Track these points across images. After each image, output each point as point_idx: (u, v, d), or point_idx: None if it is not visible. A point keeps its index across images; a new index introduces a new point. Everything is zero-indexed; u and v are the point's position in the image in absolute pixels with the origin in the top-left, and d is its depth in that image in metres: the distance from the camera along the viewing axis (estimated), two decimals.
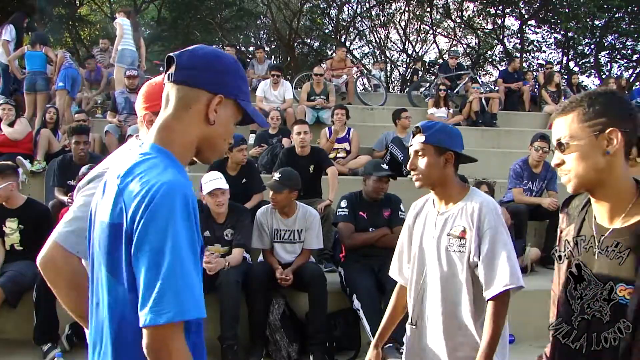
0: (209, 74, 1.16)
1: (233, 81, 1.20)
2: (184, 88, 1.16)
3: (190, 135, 1.17)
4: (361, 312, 3.55)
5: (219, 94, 1.16)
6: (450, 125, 2.05)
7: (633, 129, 1.23)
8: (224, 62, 1.20)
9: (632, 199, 1.24)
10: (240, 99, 1.21)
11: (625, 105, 1.25)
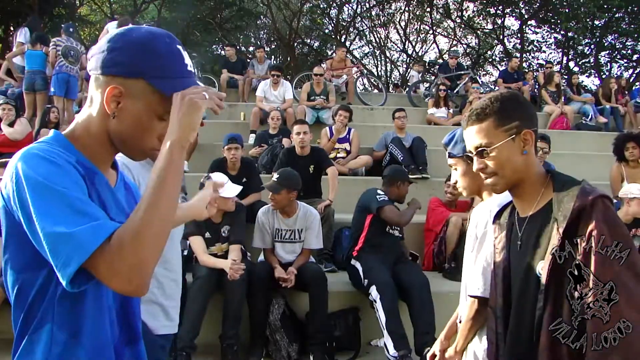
0: (100, 56, 1.00)
1: (134, 58, 0.98)
2: (92, 76, 1.03)
3: (97, 128, 1.03)
4: (378, 303, 3.52)
5: (117, 76, 0.98)
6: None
7: (536, 125, 1.37)
8: (124, 39, 1.00)
9: (543, 185, 1.36)
10: (150, 76, 0.98)
11: (529, 106, 1.39)
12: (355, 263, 3.86)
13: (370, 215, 3.95)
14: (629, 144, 4.99)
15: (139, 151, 1.06)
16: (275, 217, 3.88)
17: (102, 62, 1.00)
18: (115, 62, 0.99)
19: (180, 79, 1.01)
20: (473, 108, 1.42)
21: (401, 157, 5.91)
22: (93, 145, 1.04)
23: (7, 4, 13.70)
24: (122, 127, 1.01)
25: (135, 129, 1.01)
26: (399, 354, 3.34)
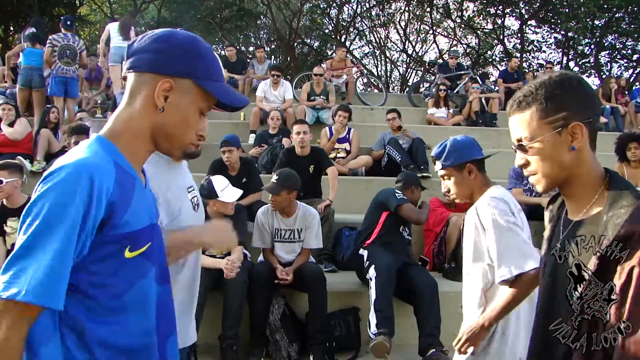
0: (151, 55, 1.06)
1: (183, 59, 1.06)
2: (134, 75, 1.08)
3: (140, 123, 1.07)
4: (373, 282, 3.54)
5: (167, 75, 1.05)
6: (459, 137, 2.20)
7: (595, 115, 1.16)
8: (170, 39, 1.08)
9: (598, 189, 1.17)
10: (198, 77, 1.08)
11: (584, 92, 1.16)
12: (363, 252, 3.89)
13: (386, 212, 4.00)
14: (631, 144, 4.98)
15: (179, 146, 1.12)
16: (275, 217, 3.88)
17: (149, 62, 1.06)
18: (165, 62, 1.06)
19: (220, 82, 1.12)
20: (516, 94, 1.24)
21: (399, 158, 5.91)
22: (134, 142, 1.08)
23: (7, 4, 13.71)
24: (169, 120, 1.07)
25: (181, 122, 1.08)
26: (379, 331, 3.33)
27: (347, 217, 5.02)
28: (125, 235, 1.03)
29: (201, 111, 1.11)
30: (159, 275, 1.15)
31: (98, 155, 1.01)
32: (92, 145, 1.04)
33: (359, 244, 4.06)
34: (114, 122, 1.09)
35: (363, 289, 3.93)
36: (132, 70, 1.08)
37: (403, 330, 3.82)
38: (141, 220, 1.07)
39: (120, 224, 1.01)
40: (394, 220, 3.99)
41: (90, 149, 1.02)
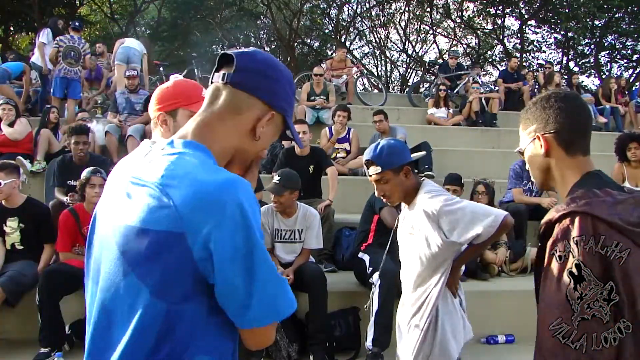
0: (267, 82, 1.06)
1: (286, 94, 1.09)
2: (238, 92, 1.05)
3: (230, 142, 1.06)
4: (376, 288, 3.51)
5: (272, 106, 1.06)
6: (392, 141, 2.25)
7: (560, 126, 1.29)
8: (281, 71, 1.09)
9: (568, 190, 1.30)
10: (288, 115, 1.11)
11: (556, 108, 1.31)
12: (363, 256, 3.87)
13: (377, 215, 4.00)
14: (632, 144, 4.98)
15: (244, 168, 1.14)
16: (275, 217, 3.88)
17: (266, 90, 1.06)
18: (277, 94, 1.08)
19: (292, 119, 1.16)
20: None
21: None
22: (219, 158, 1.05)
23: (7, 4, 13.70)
24: (256, 148, 1.10)
25: (260, 150, 1.12)
26: (373, 350, 3.38)
27: (347, 217, 5.02)
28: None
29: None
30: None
31: (223, 170, 1.01)
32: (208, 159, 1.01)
33: (357, 245, 4.05)
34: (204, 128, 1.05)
35: (363, 289, 3.93)
36: (238, 87, 1.05)
37: None
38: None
39: None
40: None
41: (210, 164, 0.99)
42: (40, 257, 3.85)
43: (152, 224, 0.91)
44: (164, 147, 1.01)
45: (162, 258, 0.91)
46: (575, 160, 1.31)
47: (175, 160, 0.96)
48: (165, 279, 0.92)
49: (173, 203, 0.90)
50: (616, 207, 1.14)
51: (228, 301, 0.95)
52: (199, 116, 1.07)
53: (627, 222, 1.12)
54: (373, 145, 2.23)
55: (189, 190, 0.91)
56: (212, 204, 0.90)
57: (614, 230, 1.12)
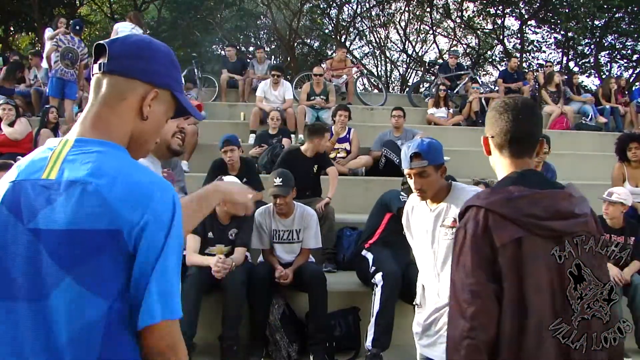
0: (142, 63, 1.08)
1: (167, 70, 1.11)
2: (117, 78, 1.06)
3: (125, 128, 1.07)
4: (379, 288, 3.51)
5: (152, 84, 1.08)
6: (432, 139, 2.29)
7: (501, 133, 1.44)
8: (156, 49, 1.12)
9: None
10: (175, 89, 1.13)
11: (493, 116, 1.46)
12: (367, 254, 3.85)
13: (389, 214, 3.98)
14: (632, 144, 4.98)
15: (144, 153, 1.15)
16: (272, 218, 3.88)
17: (142, 70, 1.07)
18: (154, 71, 1.09)
19: (183, 93, 1.17)
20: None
21: (397, 160, 5.90)
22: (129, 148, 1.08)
23: (7, 4, 13.70)
24: (148, 128, 1.10)
25: (155, 131, 1.13)
26: (372, 351, 3.38)
27: (347, 217, 5.03)
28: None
29: (168, 118, 1.17)
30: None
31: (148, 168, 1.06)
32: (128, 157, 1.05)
33: (360, 244, 4.06)
34: (99, 123, 1.05)
35: (363, 289, 3.93)
36: (115, 74, 1.06)
37: (403, 330, 3.81)
38: None
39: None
40: (396, 222, 3.97)
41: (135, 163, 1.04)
42: None
43: (86, 224, 0.92)
44: (74, 146, 1.01)
45: (99, 256, 0.93)
46: (507, 161, 1.45)
47: (98, 158, 0.98)
48: (104, 276, 0.93)
49: (108, 202, 0.93)
50: (515, 202, 1.29)
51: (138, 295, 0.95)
52: (88, 112, 1.07)
53: (522, 214, 1.27)
54: (418, 140, 2.26)
55: (124, 188, 0.95)
56: (147, 202, 0.95)
57: (507, 221, 1.27)
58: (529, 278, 1.25)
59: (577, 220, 1.31)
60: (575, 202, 1.33)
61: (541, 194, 1.31)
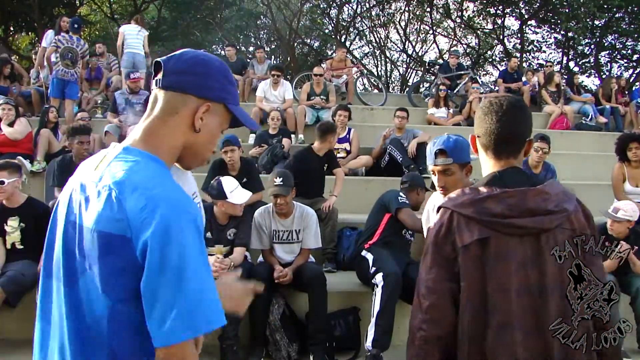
0: (195, 78, 1.14)
1: (220, 85, 1.17)
2: (171, 93, 1.13)
3: (176, 141, 1.14)
4: (379, 289, 3.52)
5: (206, 98, 1.14)
6: (459, 136, 2.19)
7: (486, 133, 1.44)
8: (210, 65, 1.17)
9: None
10: (229, 102, 1.19)
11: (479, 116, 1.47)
12: (367, 254, 3.86)
13: (388, 214, 3.99)
14: (632, 144, 4.97)
15: (201, 161, 1.22)
16: (272, 218, 3.88)
17: (194, 85, 1.13)
18: (208, 86, 1.14)
19: (239, 106, 1.23)
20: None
21: (400, 158, 5.90)
22: (168, 158, 1.14)
23: (7, 4, 13.70)
24: (201, 140, 1.17)
25: (209, 141, 1.19)
26: (372, 352, 3.38)
27: (347, 217, 5.02)
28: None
29: (223, 129, 1.23)
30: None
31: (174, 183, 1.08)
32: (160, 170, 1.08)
33: (360, 244, 4.06)
34: (151, 138, 1.13)
35: (363, 289, 3.93)
36: (171, 90, 1.13)
37: (403, 330, 3.80)
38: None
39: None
40: (396, 223, 3.97)
41: (163, 176, 1.07)
42: (40, 257, 3.85)
43: (105, 226, 1.00)
44: (120, 153, 1.10)
45: (110, 258, 1.00)
46: (491, 162, 1.45)
47: (130, 168, 1.05)
48: (111, 277, 1.00)
49: (125, 210, 1.00)
50: (482, 202, 1.31)
51: (149, 310, 0.98)
52: (143, 123, 1.15)
53: (487, 213, 1.29)
54: (444, 137, 2.18)
55: (140, 200, 1.00)
56: (156, 216, 0.98)
57: (472, 222, 1.30)
58: (492, 277, 1.27)
59: (553, 216, 1.29)
60: (551, 198, 1.31)
61: (508, 192, 1.31)
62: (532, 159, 5.09)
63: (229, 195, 3.58)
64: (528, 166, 5.13)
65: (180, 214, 1.01)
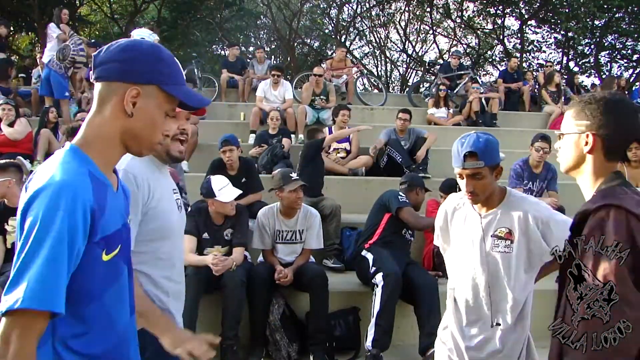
0: (120, 65, 1.15)
1: (149, 67, 1.16)
2: (101, 84, 1.16)
3: (110, 129, 1.16)
4: (379, 289, 3.52)
5: (132, 83, 1.14)
6: (489, 135, 2.00)
7: (613, 134, 1.37)
8: (136, 49, 1.17)
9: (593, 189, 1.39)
10: (163, 83, 1.17)
11: (612, 114, 1.37)
12: (367, 254, 3.86)
13: (388, 214, 3.99)
14: (632, 144, 4.97)
15: (148, 146, 1.21)
16: (276, 218, 3.88)
17: (118, 71, 1.15)
18: (133, 71, 1.15)
19: (182, 85, 1.22)
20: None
21: (400, 159, 5.90)
22: (106, 148, 1.17)
23: (7, 4, 13.70)
24: (137, 124, 1.16)
25: (149, 125, 1.18)
26: (372, 352, 3.39)
27: (347, 217, 5.02)
28: (102, 239, 1.11)
29: (166, 113, 1.21)
30: (129, 273, 1.25)
31: (74, 170, 1.08)
32: (67, 158, 1.11)
33: (360, 244, 4.06)
34: (85, 130, 1.17)
35: (363, 289, 3.93)
36: (100, 80, 1.16)
37: (403, 330, 3.82)
38: (115, 223, 1.16)
39: (97, 230, 1.10)
40: (396, 222, 3.98)
41: (65, 164, 1.09)
42: None
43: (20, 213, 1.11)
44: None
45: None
46: (610, 165, 1.40)
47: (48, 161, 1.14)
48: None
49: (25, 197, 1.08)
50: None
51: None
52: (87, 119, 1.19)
53: None
54: (473, 137, 1.93)
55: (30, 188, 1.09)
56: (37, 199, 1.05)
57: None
58: None
59: None
60: None
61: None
62: (533, 158, 5.09)
63: (217, 193, 3.58)
64: (528, 165, 5.13)
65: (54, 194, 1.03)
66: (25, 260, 1.00)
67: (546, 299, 3.27)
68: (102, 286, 1.14)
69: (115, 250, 1.16)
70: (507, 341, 1.97)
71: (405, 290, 3.66)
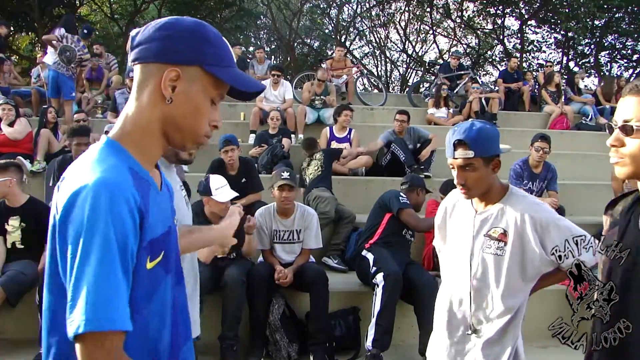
0: (158, 44, 0.99)
1: (191, 46, 0.99)
2: (139, 66, 1.01)
3: (149, 118, 1.01)
4: (380, 289, 3.52)
5: (173, 63, 0.98)
6: (488, 125, 1.85)
7: None
8: (175, 26, 1.01)
9: None
10: (207, 63, 1.00)
11: None
12: (367, 254, 3.86)
13: (389, 214, 3.99)
14: None
15: (192, 138, 1.05)
16: (273, 218, 3.88)
17: (155, 51, 0.99)
18: (171, 49, 0.99)
19: (232, 68, 1.03)
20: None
21: (403, 158, 5.89)
22: (145, 139, 1.02)
23: (7, 4, 13.69)
24: (179, 111, 1.01)
25: (192, 113, 1.01)
26: (372, 352, 3.39)
27: None
28: (147, 244, 0.96)
29: (212, 100, 1.04)
30: (174, 279, 1.09)
31: (112, 167, 0.95)
32: (103, 154, 0.99)
33: (360, 243, 4.07)
34: (123, 121, 1.04)
35: (363, 289, 3.93)
36: (137, 62, 1.01)
37: (403, 330, 3.82)
38: (162, 225, 1.02)
39: (145, 233, 0.95)
40: (396, 222, 3.98)
41: (102, 161, 0.96)
42: (41, 256, 3.86)
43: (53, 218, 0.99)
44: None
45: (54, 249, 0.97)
46: None
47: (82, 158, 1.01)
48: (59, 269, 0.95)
49: (57, 200, 0.97)
50: None
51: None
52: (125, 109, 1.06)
53: None
54: (466, 124, 1.79)
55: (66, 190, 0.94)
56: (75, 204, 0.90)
57: None
58: None
59: None
60: None
61: None
62: (533, 158, 5.09)
63: (214, 192, 3.58)
64: (528, 165, 5.13)
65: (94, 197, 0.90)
66: (77, 276, 0.87)
67: (546, 299, 3.28)
68: (143, 299, 0.97)
69: (159, 257, 1.00)
70: (487, 355, 1.79)
71: (405, 290, 3.66)
